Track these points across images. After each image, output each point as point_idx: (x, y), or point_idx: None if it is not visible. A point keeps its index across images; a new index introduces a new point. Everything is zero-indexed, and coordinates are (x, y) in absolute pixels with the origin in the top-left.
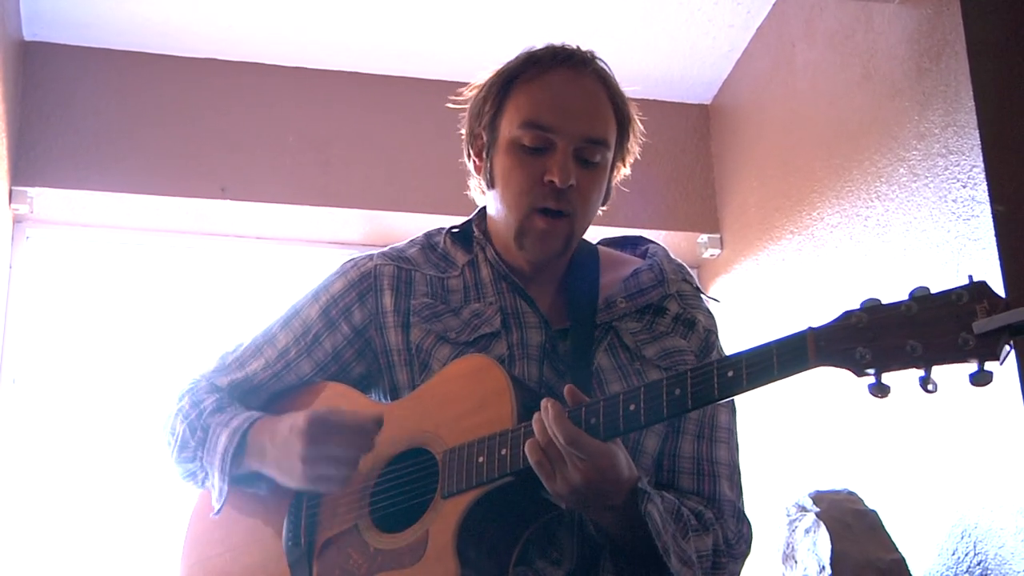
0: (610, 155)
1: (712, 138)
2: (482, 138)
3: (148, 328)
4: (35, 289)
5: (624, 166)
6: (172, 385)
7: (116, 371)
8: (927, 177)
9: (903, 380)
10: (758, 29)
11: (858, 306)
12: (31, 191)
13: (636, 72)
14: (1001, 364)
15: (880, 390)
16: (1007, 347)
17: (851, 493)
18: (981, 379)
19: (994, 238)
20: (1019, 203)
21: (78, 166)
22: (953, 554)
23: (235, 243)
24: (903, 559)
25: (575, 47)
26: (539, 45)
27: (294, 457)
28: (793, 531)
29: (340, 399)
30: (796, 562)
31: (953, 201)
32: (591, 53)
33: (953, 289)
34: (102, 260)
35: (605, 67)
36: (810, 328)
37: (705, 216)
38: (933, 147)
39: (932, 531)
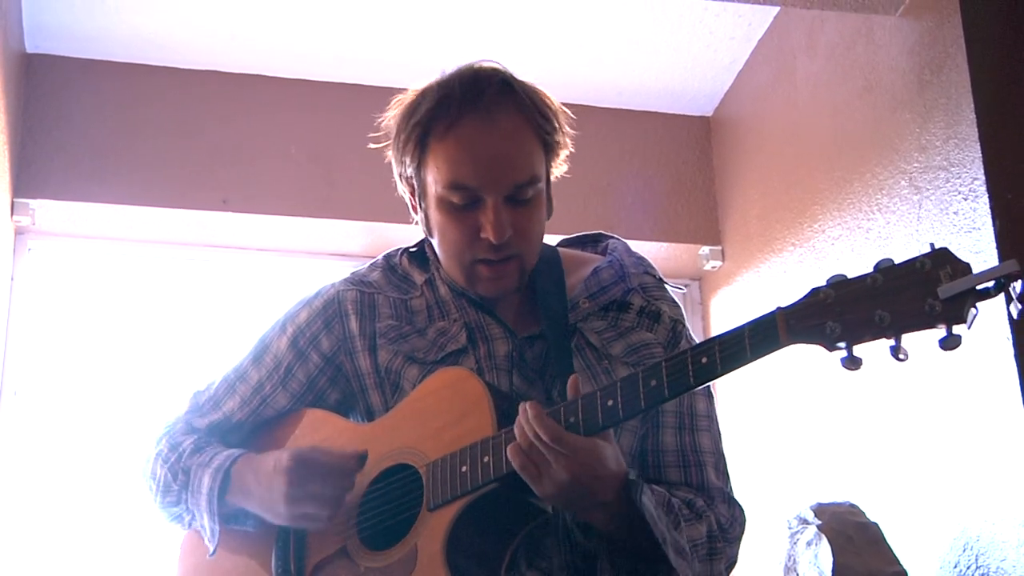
0: (542, 183)
1: (713, 150)
2: (412, 183)
3: (150, 340)
4: (37, 301)
5: (557, 167)
6: (147, 429)
7: (117, 383)
8: (928, 189)
9: (903, 388)
10: (759, 41)
11: (824, 283)
12: (33, 203)
13: (638, 84)
14: (969, 328)
15: (852, 363)
16: (973, 310)
17: (853, 506)
18: (950, 343)
19: (995, 250)
20: (1020, 215)
21: (80, 178)
22: (955, 567)
23: (237, 255)
24: (905, 572)
25: (485, 75)
26: (450, 69)
27: (278, 496)
28: (795, 544)
29: (321, 424)
30: (798, 575)
31: (955, 214)
32: (500, 80)
33: (916, 257)
34: (104, 272)
35: (517, 92)
36: (779, 308)
37: (706, 228)
38: (934, 159)
39: (934, 544)
